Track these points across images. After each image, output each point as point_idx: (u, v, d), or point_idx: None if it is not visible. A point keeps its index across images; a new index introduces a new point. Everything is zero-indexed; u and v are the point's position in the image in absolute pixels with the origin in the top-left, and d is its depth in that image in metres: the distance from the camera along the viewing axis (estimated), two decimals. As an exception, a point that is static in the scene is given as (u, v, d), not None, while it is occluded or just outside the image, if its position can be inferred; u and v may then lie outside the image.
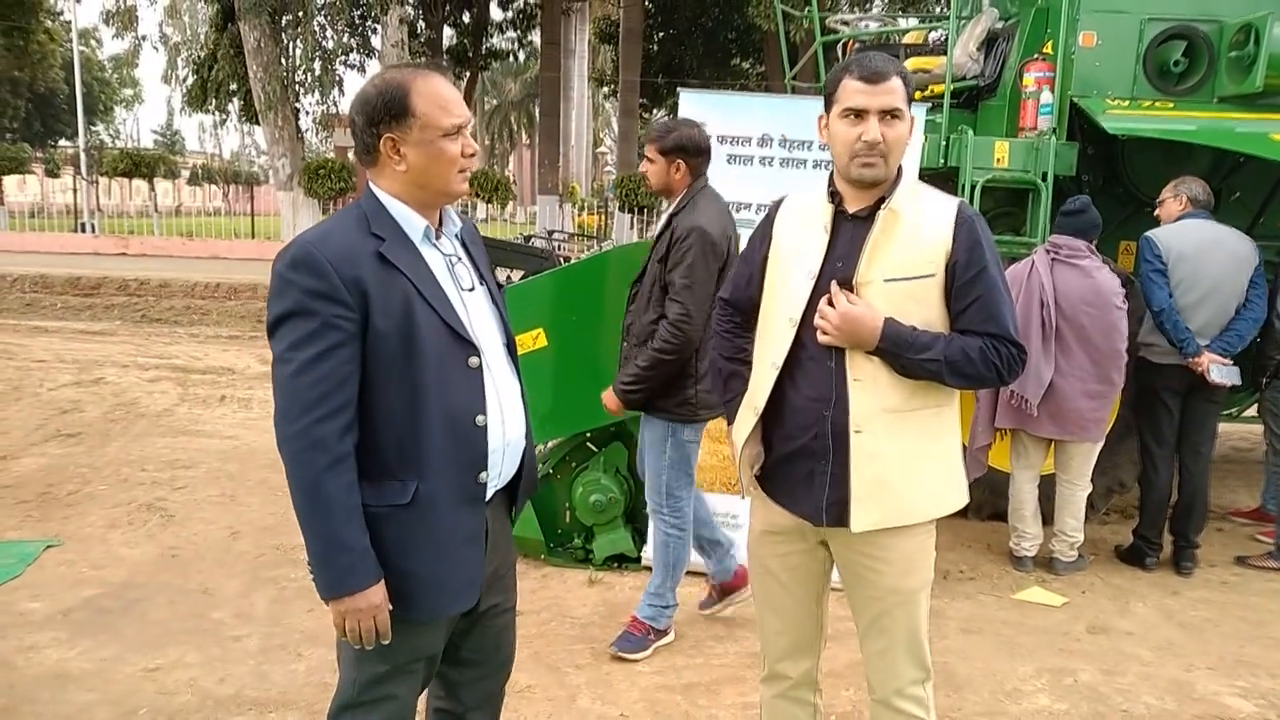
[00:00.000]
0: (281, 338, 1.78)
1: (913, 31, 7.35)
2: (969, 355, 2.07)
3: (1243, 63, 4.49)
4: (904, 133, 2.09)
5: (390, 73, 1.87)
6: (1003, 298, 2.11)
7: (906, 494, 2.15)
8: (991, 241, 2.12)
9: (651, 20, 23.54)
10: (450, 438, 1.87)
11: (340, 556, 1.78)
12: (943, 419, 2.20)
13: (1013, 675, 3.55)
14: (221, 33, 18.45)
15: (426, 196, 1.90)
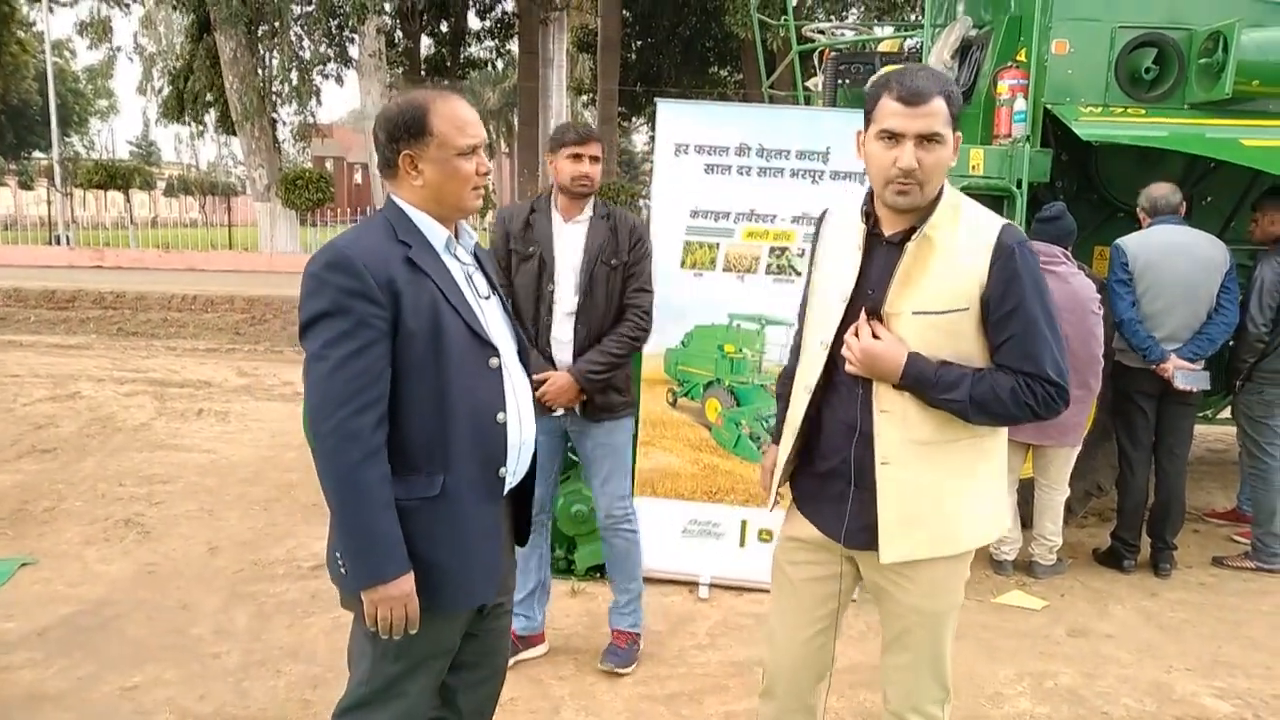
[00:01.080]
0: (316, 336, 1.86)
1: (888, 39, 7.41)
2: (998, 395, 1.99)
3: (1212, 70, 4.55)
4: (944, 157, 1.98)
5: (413, 93, 2.00)
6: (1041, 335, 1.99)
7: (938, 526, 2.10)
8: (1035, 271, 2.01)
9: (629, 29, 23.63)
10: (474, 434, 1.97)
11: (375, 547, 1.86)
12: (982, 449, 2.14)
13: (994, 679, 3.57)
14: (197, 43, 18.37)
15: (442, 210, 2.02)
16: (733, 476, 4.31)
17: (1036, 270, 2.02)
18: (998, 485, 2.21)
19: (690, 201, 4.26)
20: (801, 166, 4.20)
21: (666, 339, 4.28)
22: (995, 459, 2.19)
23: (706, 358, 4.28)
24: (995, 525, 2.23)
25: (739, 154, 4.24)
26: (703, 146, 4.25)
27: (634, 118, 29.53)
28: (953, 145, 2.00)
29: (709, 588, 4.29)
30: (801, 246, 4.22)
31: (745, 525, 4.31)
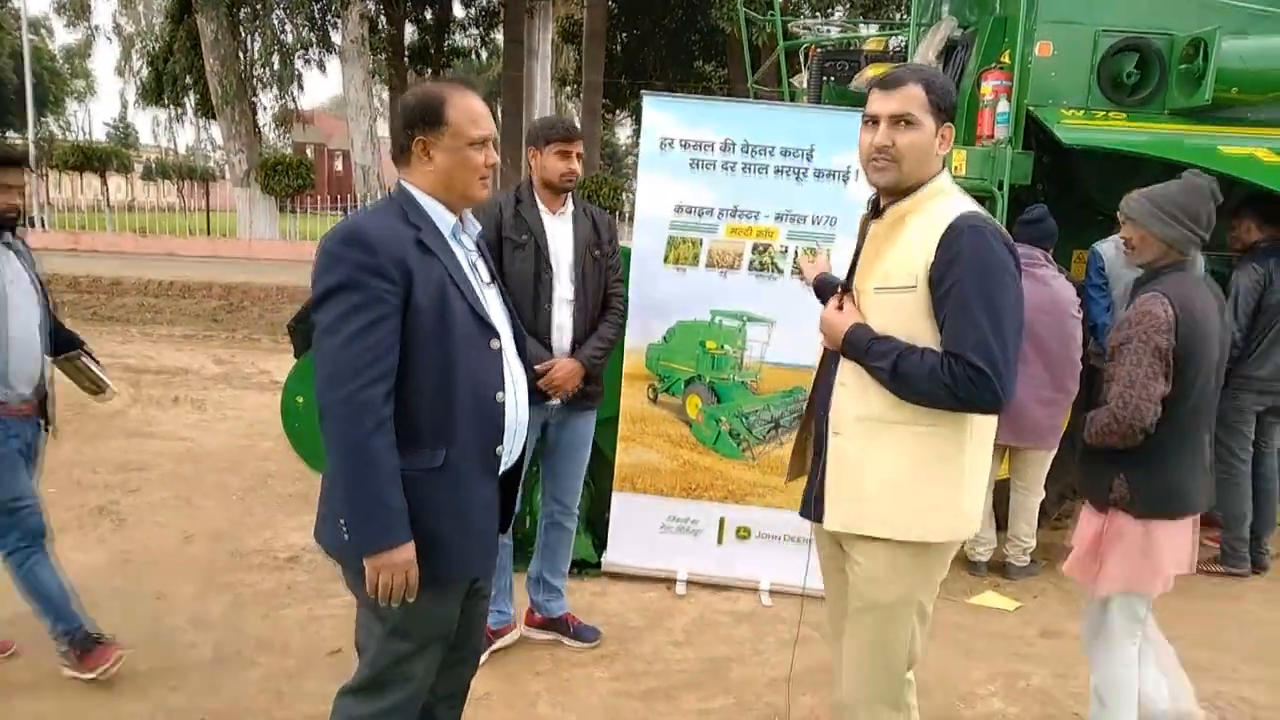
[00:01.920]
0: (330, 309, 1.93)
1: (873, 38, 7.42)
2: (919, 370, 2.03)
3: (1192, 76, 4.59)
4: (919, 140, 2.09)
5: (430, 85, 2.12)
6: (972, 317, 2.01)
7: (878, 505, 2.16)
8: (982, 255, 2.03)
9: (615, 21, 23.55)
10: (475, 411, 2.05)
11: (381, 513, 1.92)
12: (937, 441, 2.13)
13: (966, 679, 3.60)
14: (178, 25, 18.18)
15: (450, 198, 2.11)
16: (712, 473, 4.31)
17: (986, 253, 2.04)
18: (952, 484, 2.15)
19: (674, 197, 4.26)
20: (785, 164, 4.20)
21: (648, 334, 4.28)
22: (952, 455, 2.15)
23: (688, 354, 4.28)
24: (948, 523, 2.17)
25: (724, 150, 4.24)
26: (687, 141, 4.25)
27: (618, 110, 29.47)
28: (935, 132, 2.11)
29: (686, 584, 4.30)
30: (784, 244, 4.23)
31: (724, 522, 4.32)
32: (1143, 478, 2.71)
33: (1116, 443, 2.68)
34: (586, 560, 4.37)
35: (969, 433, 2.16)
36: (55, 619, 3.26)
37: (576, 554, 4.31)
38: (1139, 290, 2.84)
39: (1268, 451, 4.82)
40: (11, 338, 3.10)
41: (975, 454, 2.19)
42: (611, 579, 4.33)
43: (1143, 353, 2.65)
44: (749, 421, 4.29)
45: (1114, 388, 2.68)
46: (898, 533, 2.15)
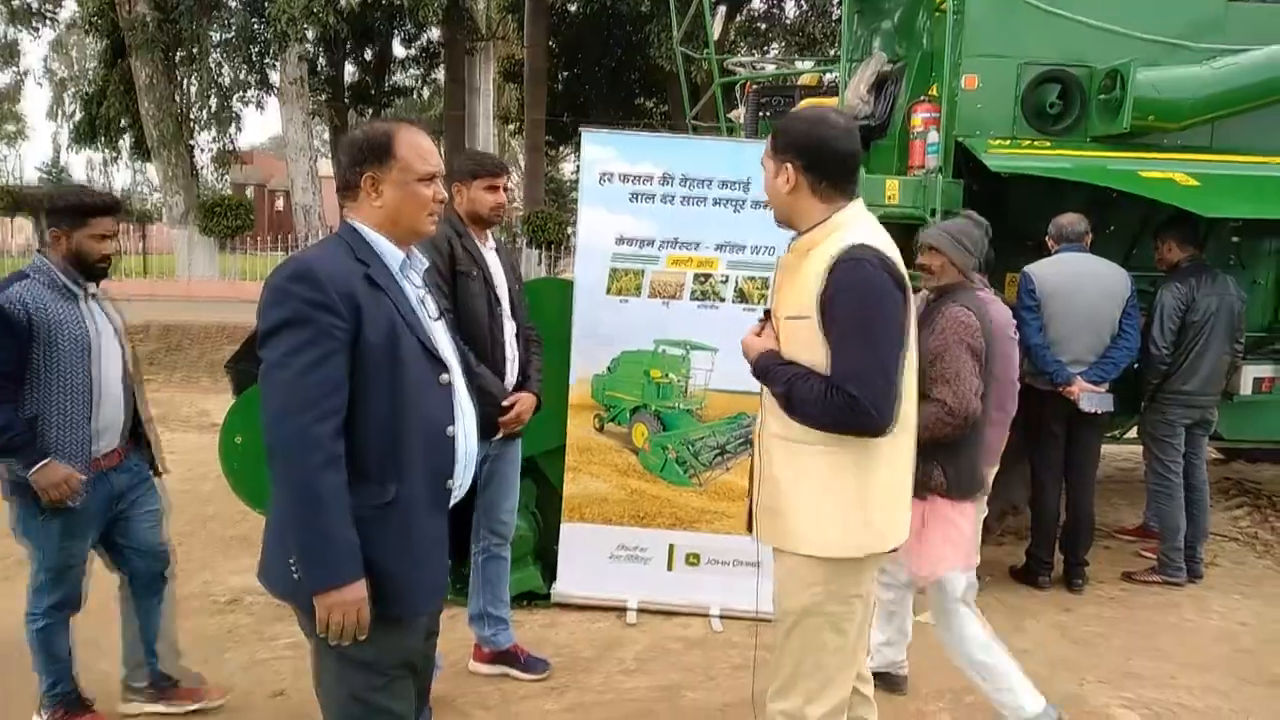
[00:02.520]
0: (277, 344, 1.90)
1: (807, 74, 7.60)
2: (807, 396, 2.15)
3: (1111, 105, 4.77)
4: (765, 182, 2.31)
5: (377, 123, 2.13)
6: (850, 346, 2.11)
7: (784, 520, 2.28)
8: (859, 286, 2.11)
9: (556, 60, 23.77)
10: (425, 445, 2.03)
11: (330, 550, 1.89)
12: (836, 460, 2.21)
13: (914, 695, 3.64)
14: (111, 68, 17.94)
15: (398, 233, 2.10)
16: (660, 501, 4.33)
17: (862, 284, 2.12)
18: (859, 499, 2.22)
19: (615, 229, 4.31)
20: (724, 195, 4.28)
21: (593, 365, 4.30)
22: (852, 474, 2.21)
23: (633, 383, 4.31)
24: (849, 539, 2.23)
25: (663, 183, 4.31)
26: (627, 175, 4.31)
27: (561, 146, 29.68)
28: (775, 172, 2.28)
29: (637, 613, 4.29)
30: (725, 274, 4.30)
31: (673, 549, 4.33)
32: (955, 465, 3.10)
33: (950, 434, 3.04)
34: (535, 592, 4.35)
35: (865, 451, 2.21)
36: (54, 682, 3.16)
37: (525, 586, 4.30)
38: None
39: (1197, 463, 4.97)
40: (104, 391, 3.04)
41: (878, 472, 2.24)
42: (561, 610, 4.31)
43: (962, 354, 3.08)
44: (695, 448, 4.32)
45: (942, 387, 3.03)
46: (801, 546, 2.26)
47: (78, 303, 3.04)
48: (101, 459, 3.07)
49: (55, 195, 3.08)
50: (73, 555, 3.07)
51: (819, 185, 2.24)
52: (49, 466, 2.92)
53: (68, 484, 2.94)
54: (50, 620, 3.11)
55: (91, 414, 3.01)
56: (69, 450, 2.97)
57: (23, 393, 2.93)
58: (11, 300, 2.89)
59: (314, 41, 18.01)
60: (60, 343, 2.94)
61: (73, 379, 2.97)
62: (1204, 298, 4.71)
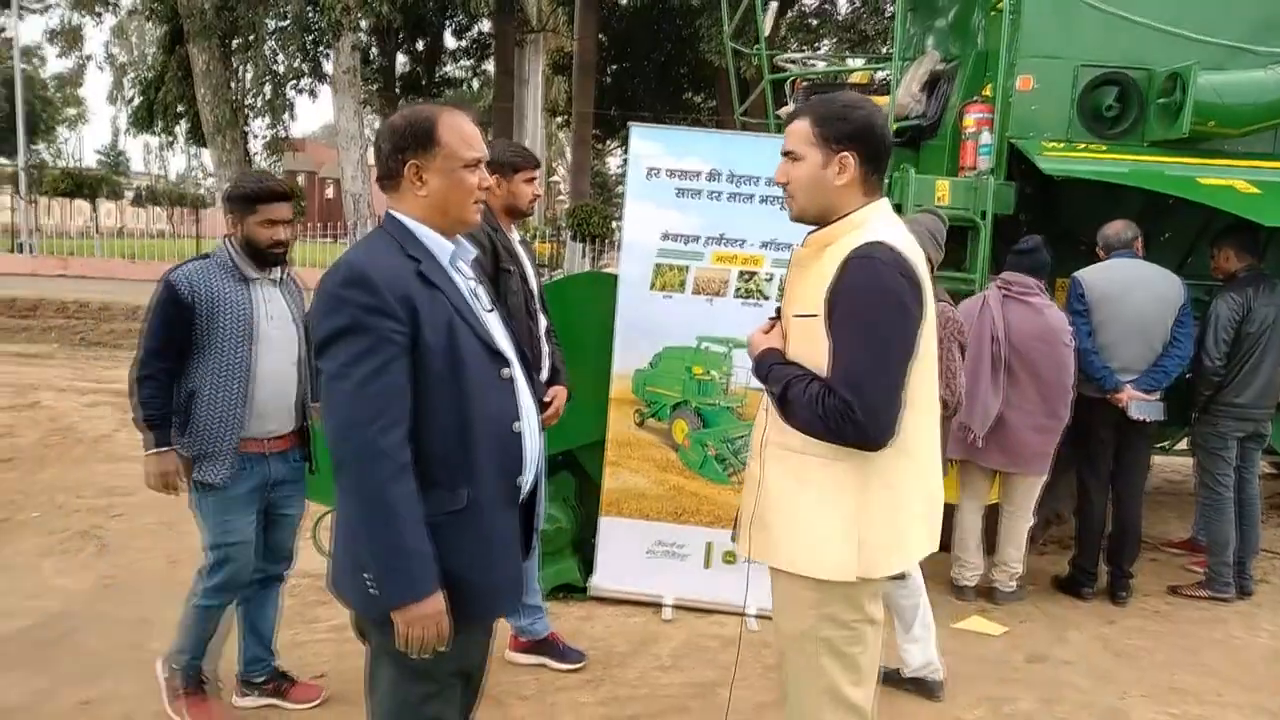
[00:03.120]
0: (335, 354, 1.84)
1: (859, 71, 7.53)
2: (800, 398, 2.02)
3: (1170, 109, 4.68)
4: (803, 173, 2.10)
5: (419, 107, 2.02)
6: (848, 348, 1.99)
7: (775, 535, 2.14)
8: (866, 287, 1.98)
9: (605, 53, 23.78)
10: (493, 444, 1.97)
11: (407, 564, 1.83)
12: (837, 472, 2.06)
13: (953, 704, 3.61)
14: (170, 54, 18.23)
15: (444, 223, 2.02)
16: (698, 498, 4.33)
17: (872, 284, 1.98)
18: (858, 517, 2.07)
19: (661, 224, 4.31)
20: (770, 193, 4.26)
21: (635, 360, 4.31)
22: (854, 488, 2.07)
23: (674, 379, 4.31)
24: (843, 560, 2.07)
25: (710, 179, 4.30)
26: (674, 171, 4.31)
27: (608, 140, 29.70)
28: (824, 163, 2.09)
29: (673, 609, 4.30)
30: (770, 271, 4.28)
31: (710, 547, 4.33)
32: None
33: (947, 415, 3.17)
34: (573, 585, 4.37)
35: (871, 467, 2.06)
36: (189, 654, 3.16)
37: (563, 578, 4.33)
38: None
39: (1249, 476, 4.87)
40: (262, 374, 3.02)
41: (883, 490, 2.08)
42: (598, 603, 4.33)
43: (953, 350, 3.39)
44: (735, 446, 4.31)
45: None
46: (792, 565, 2.12)
47: (249, 286, 3.05)
48: (266, 442, 3.08)
49: (233, 184, 3.11)
50: (230, 533, 3.05)
51: (870, 177, 2.11)
52: (163, 455, 2.97)
53: (164, 479, 2.98)
54: (209, 602, 3.10)
55: (246, 396, 3.00)
56: (216, 428, 2.98)
57: (183, 370, 2.98)
58: (179, 277, 2.96)
59: (367, 31, 18.22)
60: (222, 322, 2.97)
61: (231, 359, 2.98)
62: (1261, 308, 4.60)
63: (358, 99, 17.05)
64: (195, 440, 2.98)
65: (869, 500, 2.07)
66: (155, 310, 2.97)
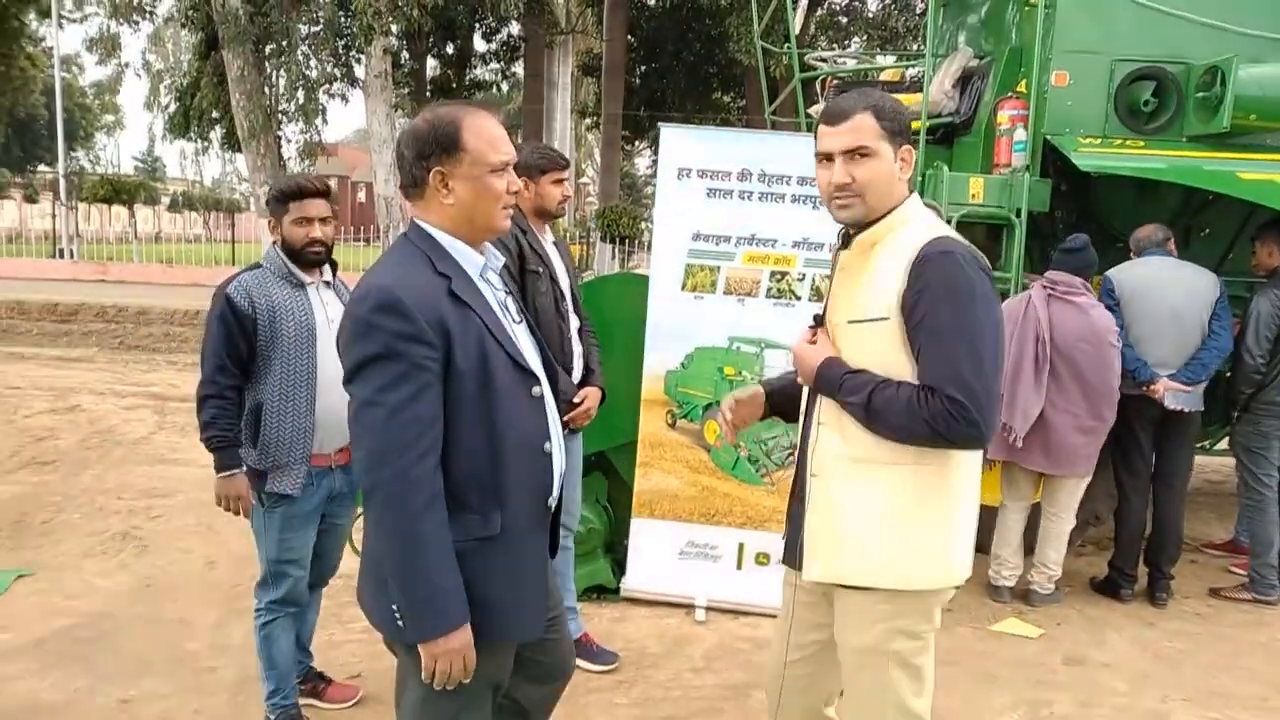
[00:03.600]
0: (367, 381, 1.80)
1: (890, 69, 7.48)
2: (894, 405, 1.92)
3: (1210, 103, 4.60)
4: (879, 170, 1.99)
5: (441, 109, 1.92)
6: (947, 347, 1.91)
7: (859, 552, 2.03)
8: (953, 283, 1.92)
9: (634, 54, 23.78)
10: (525, 468, 1.94)
11: (436, 598, 1.80)
12: (922, 480, 2.00)
13: (989, 707, 3.57)
14: (204, 61, 18.46)
15: (472, 231, 1.96)
16: (731, 499, 4.32)
17: (955, 279, 1.92)
18: (939, 526, 2.03)
19: (692, 225, 4.30)
20: (802, 192, 4.23)
21: (667, 361, 4.30)
22: (938, 495, 2.02)
23: (706, 380, 4.30)
24: (932, 570, 2.04)
25: (741, 179, 4.28)
26: (705, 171, 4.30)
27: (637, 141, 29.71)
28: (896, 157, 2.01)
29: (705, 610, 4.29)
30: (802, 271, 4.26)
31: (743, 548, 4.32)
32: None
33: None
34: (605, 585, 4.37)
35: (956, 471, 2.03)
36: (275, 689, 3.13)
37: (595, 579, 4.33)
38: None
39: (1292, 476, 4.77)
40: (328, 382, 2.90)
41: (965, 494, 2.06)
42: (630, 604, 4.33)
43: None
44: (768, 447, 4.29)
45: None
46: (876, 579, 2.03)
47: (305, 291, 2.99)
48: (333, 455, 3.03)
49: (271, 187, 3.02)
50: (291, 549, 3.03)
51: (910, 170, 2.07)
52: (235, 478, 2.92)
53: (239, 503, 2.94)
54: (272, 616, 3.08)
55: (313, 403, 2.94)
56: (289, 439, 2.92)
57: (248, 387, 2.93)
58: (237, 289, 2.89)
59: (398, 35, 18.35)
60: (284, 330, 2.90)
61: (296, 367, 2.91)
62: (1304, 304, 4.51)
63: (389, 103, 17.17)
64: (267, 453, 2.93)
65: (955, 505, 2.04)
66: (215, 326, 2.90)
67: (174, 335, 13.23)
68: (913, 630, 2.07)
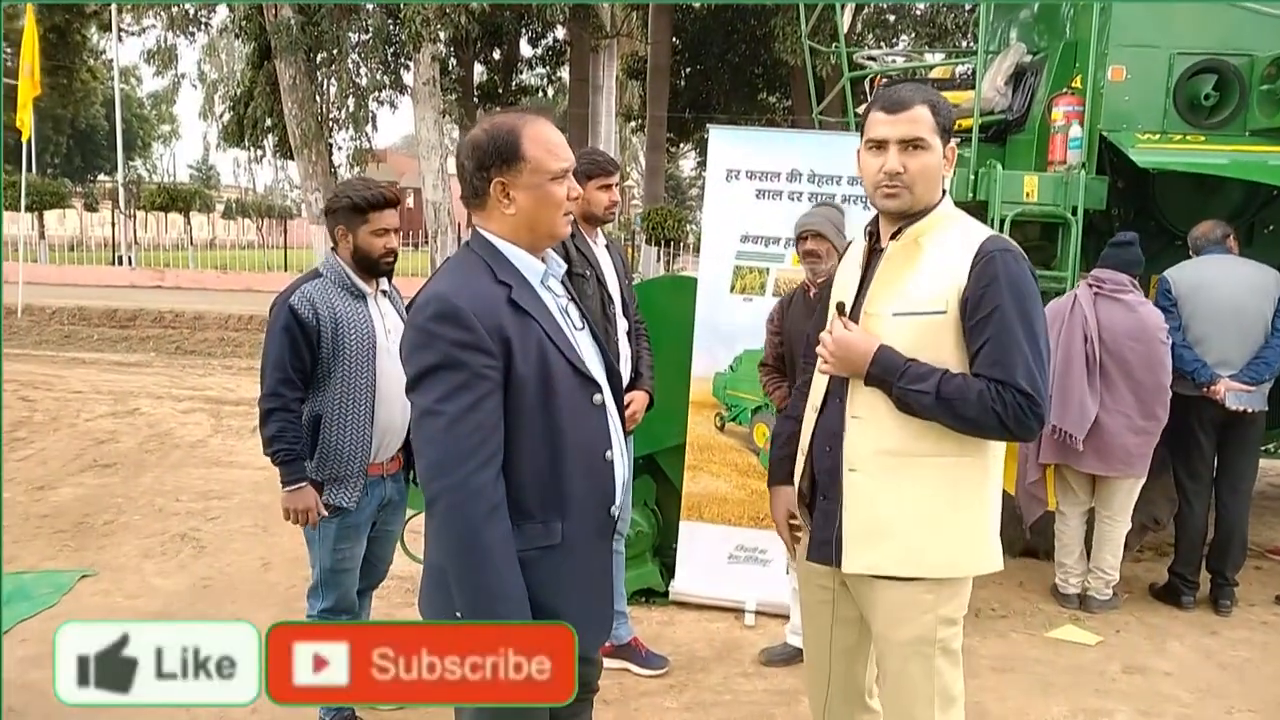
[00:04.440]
0: (429, 390, 1.80)
1: (940, 66, 7.39)
2: (967, 395, 1.95)
3: (1274, 96, 4.47)
4: (931, 163, 2.03)
5: (500, 118, 1.92)
6: (1015, 342, 1.95)
7: (900, 542, 2.05)
8: (1019, 281, 1.97)
9: (679, 56, 23.76)
10: (587, 477, 1.92)
11: (497, 607, 1.79)
12: (963, 471, 2.06)
13: (1046, 715, 3.50)
14: (258, 70, 18.83)
15: (534, 239, 1.95)
16: (780, 502, 4.28)
17: (1020, 277, 1.98)
18: (979, 515, 2.10)
19: (741, 226, 4.28)
20: (853, 192, 4.19)
21: (715, 363, 4.29)
22: (978, 485, 2.09)
23: (755, 382, 4.25)
24: (980, 559, 2.11)
25: (790, 180, 4.25)
26: (754, 172, 4.28)
27: (681, 143, 29.66)
28: (943, 154, 2.06)
29: (755, 615, 4.26)
30: (852, 272, 4.21)
31: (793, 552, 4.28)
32: None
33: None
34: (654, 589, 4.37)
35: (994, 461, 2.11)
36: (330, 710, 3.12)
37: (644, 582, 4.33)
38: None
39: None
40: (386, 394, 2.92)
41: (997, 483, 2.14)
42: (679, 608, 4.31)
43: None
44: (818, 450, 4.25)
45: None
46: (925, 570, 2.05)
47: (366, 301, 2.98)
48: (386, 464, 3.03)
49: (337, 194, 2.98)
50: (345, 559, 3.02)
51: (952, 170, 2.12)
52: (302, 491, 2.88)
53: (308, 515, 2.90)
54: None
55: (374, 416, 2.93)
56: (348, 451, 2.91)
57: (307, 398, 2.90)
58: (301, 300, 2.86)
59: (446, 42, 18.54)
60: (347, 341, 2.88)
61: (357, 379, 2.90)
62: (1373, 302, 4.36)
63: (437, 109, 17.36)
64: (325, 464, 2.92)
65: (990, 493, 2.11)
66: (278, 337, 2.85)
67: (229, 340, 13.48)
68: (953, 617, 2.12)
